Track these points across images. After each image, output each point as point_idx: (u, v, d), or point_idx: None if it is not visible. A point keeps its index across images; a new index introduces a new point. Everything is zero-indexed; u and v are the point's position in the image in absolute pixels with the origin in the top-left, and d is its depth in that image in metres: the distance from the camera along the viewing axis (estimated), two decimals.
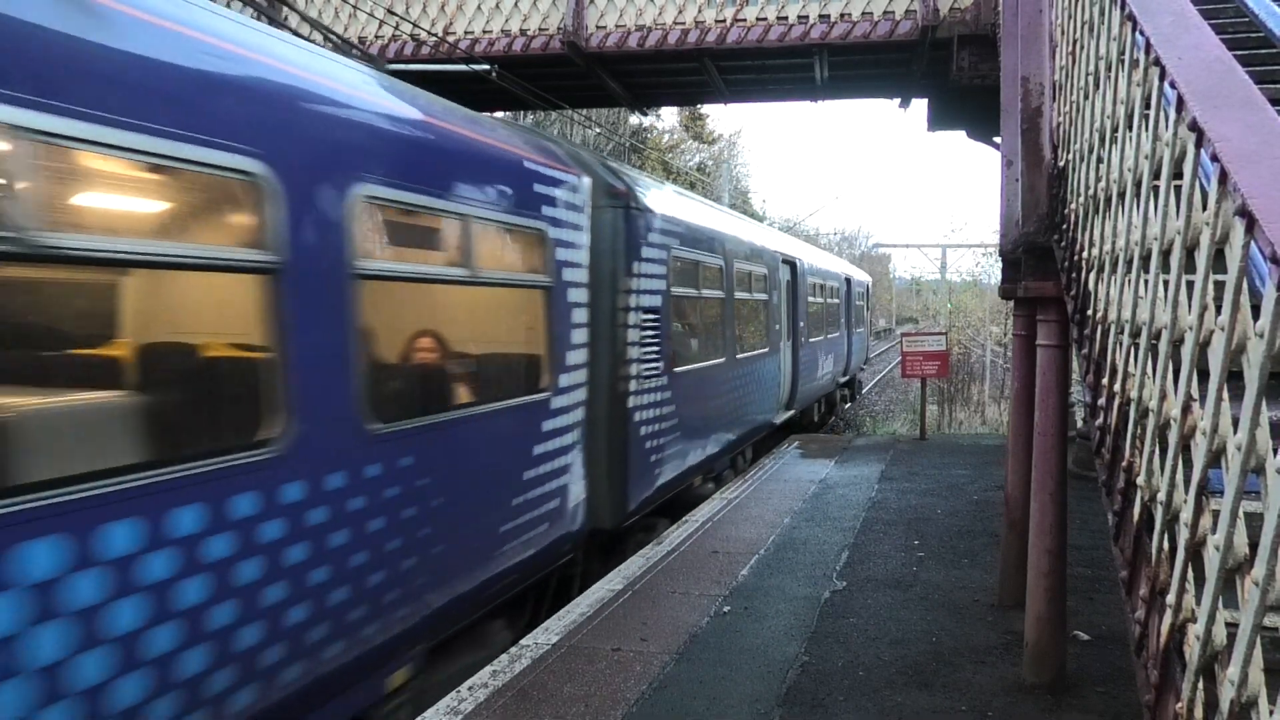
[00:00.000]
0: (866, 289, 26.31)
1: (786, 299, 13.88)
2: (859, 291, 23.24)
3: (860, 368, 24.56)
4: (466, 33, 10.05)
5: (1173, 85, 2.25)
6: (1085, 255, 3.74)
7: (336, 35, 5.80)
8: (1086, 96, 3.70)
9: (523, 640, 5.24)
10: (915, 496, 9.19)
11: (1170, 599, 2.17)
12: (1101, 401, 3.22)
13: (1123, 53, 2.94)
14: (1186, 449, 2.14)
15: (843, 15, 9.28)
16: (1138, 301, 2.67)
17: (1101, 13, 3.34)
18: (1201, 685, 1.96)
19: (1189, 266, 2.16)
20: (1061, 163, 4.55)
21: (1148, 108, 2.58)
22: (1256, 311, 1.72)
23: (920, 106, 12.34)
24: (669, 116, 36.77)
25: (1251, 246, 1.74)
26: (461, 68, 8.89)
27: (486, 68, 8.47)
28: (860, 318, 23.67)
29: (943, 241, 57.97)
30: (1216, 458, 1.93)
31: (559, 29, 9.82)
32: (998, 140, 6.47)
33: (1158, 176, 2.46)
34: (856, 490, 9.53)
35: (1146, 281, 2.55)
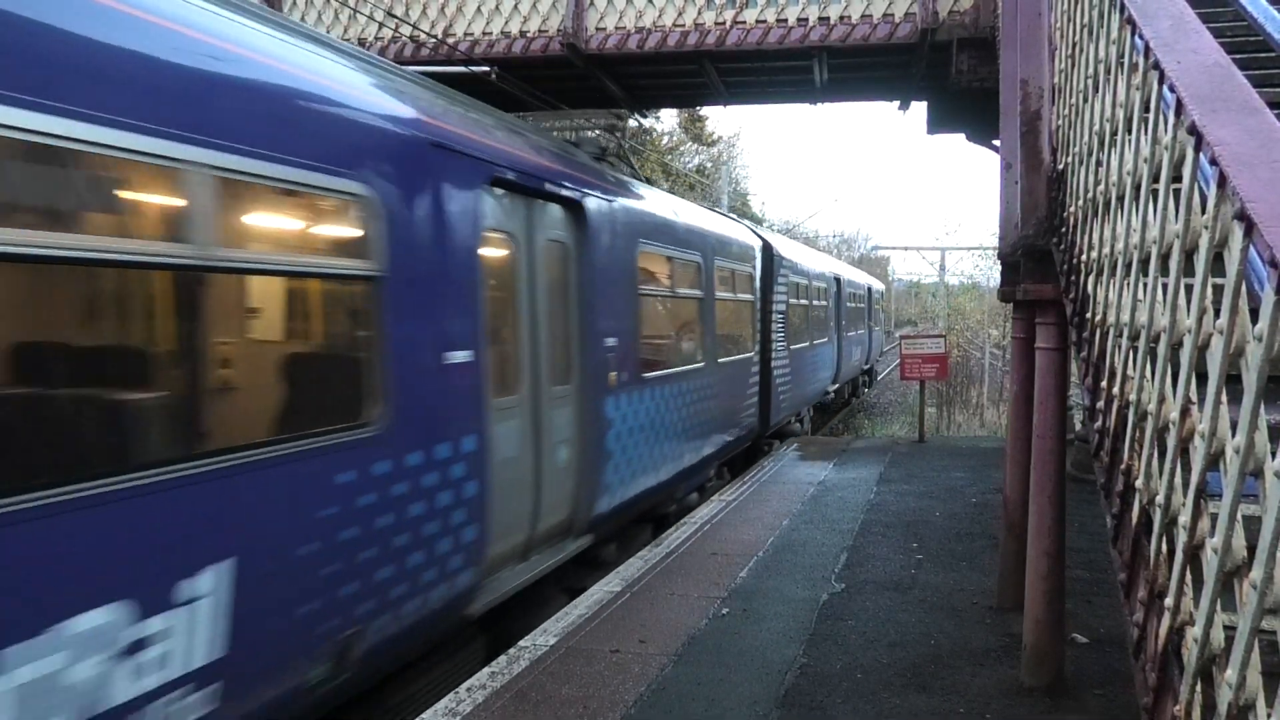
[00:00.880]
0: (880, 294, 35.95)
1: (834, 305, 20.05)
2: (877, 297, 32.33)
3: (876, 358, 32.31)
4: (466, 34, 10.06)
5: (1172, 89, 2.25)
6: (1084, 258, 3.74)
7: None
8: (1086, 100, 3.71)
9: (520, 642, 5.25)
10: (914, 499, 9.20)
11: (1169, 601, 2.17)
12: (1100, 404, 3.22)
13: (1122, 56, 2.95)
14: (1185, 452, 2.15)
15: (842, 18, 9.28)
16: (1136, 305, 2.67)
17: (1101, 16, 3.35)
18: (1200, 688, 1.96)
19: (1188, 270, 2.16)
20: (1060, 166, 4.55)
21: (1147, 111, 2.58)
22: (1255, 315, 1.73)
23: (919, 109, 12.36)
24: (668, 118, 36.81)
25: (1250, 250, 1.75)
26: (461, 69, 8.89)
27: (486, 69, 8.47)
28: (877, 318, 32.25)
29: (941, 244, 58.10)
30: (1215, 461, 1.93)
31: (559, 30, 9.82)
32: (997, 143, 6.47)
33: (1157, 180, 2.47)
34: (855, 493, 9.54)
35: (1145, 285, 2.55)
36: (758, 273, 12.56)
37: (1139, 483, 2.56)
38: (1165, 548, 2.29)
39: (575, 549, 6.48)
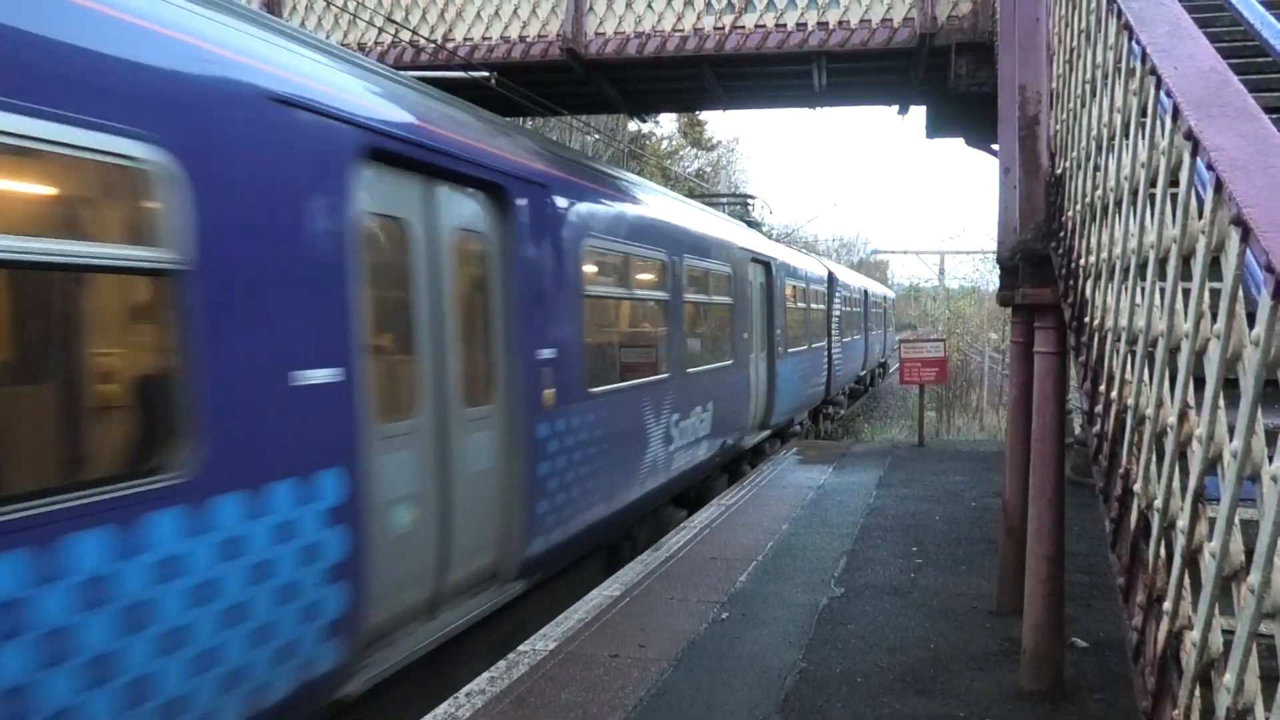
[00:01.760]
0: (889, 299, 39.48)
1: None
2: (890, 303, 36.96)
3: (884, 357, 34.53)
4: (466, 39, 10.07)
5: (1169, 94, 2.26)
6: (1082, 262, 3.75)
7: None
8: (1083, 104, 3.72)
9: (520, 646, 5.24)
10: (913, 503, 9.19)
11: (1167, 606, 2.17)
12: (1099, 408, 3.22)
13: (1119, 61, 2.96)
14: (1183, 456, 2.15)
15: (841, 23, 9.31)
16: (1134, 309, 2.68)
17: (1098, 21, 3.36)
18: (1198, 692, 1.96)
19: (1185, 274, 2.17)
20: (1059, 170, 4.56)
21: (1144, 116, 2.59)
22: (1252, 319, 1.73)
23: (918, 113, 12.40)
24: (667, 123, 36.88)
25: (1247, 255, 1.75)
26: (461, 74, 8.90)
27: (486, 74, 8.49)
28: (886, 322, 35.85)
29: (941, 248, 58.13)
30: (1213, 465, 1.94)
31: (559, 35, 9.84)
32: (996, 147, 6.49)
33: (1154, 184, 2.47)
34: (854, 497, 9.53)
35: (1143, 289, 2.56)
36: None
37: (1137, 487, 2.57)
38: (1164, 552, 2.30)
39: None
